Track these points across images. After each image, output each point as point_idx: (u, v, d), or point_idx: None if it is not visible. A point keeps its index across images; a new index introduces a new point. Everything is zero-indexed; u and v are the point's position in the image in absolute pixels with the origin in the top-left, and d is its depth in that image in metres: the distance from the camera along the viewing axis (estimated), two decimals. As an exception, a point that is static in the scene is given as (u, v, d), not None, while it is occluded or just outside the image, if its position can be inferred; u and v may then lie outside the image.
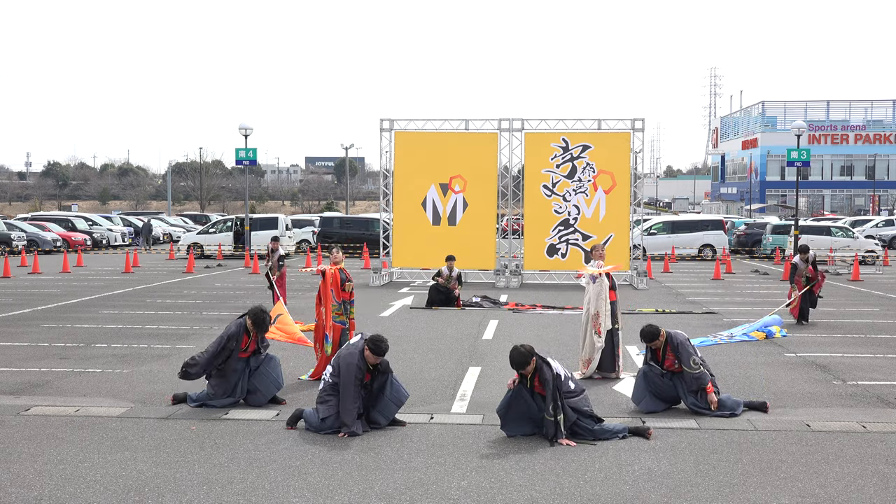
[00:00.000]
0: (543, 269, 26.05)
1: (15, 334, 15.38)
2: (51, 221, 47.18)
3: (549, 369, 8.68)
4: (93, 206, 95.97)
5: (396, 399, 9.05)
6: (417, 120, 26.48)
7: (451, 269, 20.19)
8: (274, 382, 10.04)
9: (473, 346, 14.29)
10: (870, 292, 23.73)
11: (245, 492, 7.04)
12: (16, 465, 7.71)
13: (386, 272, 26.40)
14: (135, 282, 26.34)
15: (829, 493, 7.07)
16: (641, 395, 9.82)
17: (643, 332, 9.84)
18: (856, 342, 14.93)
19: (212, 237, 39.86)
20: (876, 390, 10.99)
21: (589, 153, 25.35)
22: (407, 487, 7.17)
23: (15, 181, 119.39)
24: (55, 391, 10.77)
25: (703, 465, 7.78)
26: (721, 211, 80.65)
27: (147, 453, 8.06)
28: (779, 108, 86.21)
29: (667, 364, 9.76)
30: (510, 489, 7.14)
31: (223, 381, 9.85)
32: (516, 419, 8.73)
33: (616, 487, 7.19)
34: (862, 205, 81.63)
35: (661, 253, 37.03)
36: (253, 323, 9.85)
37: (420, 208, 25.92)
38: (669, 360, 9.74)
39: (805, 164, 36.95)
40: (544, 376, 8.63)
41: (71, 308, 19.57)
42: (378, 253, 28.27)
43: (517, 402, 8.73)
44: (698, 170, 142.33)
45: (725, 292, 23.70)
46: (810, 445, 8.45)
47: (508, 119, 26.14)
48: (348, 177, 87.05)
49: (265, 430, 8.94)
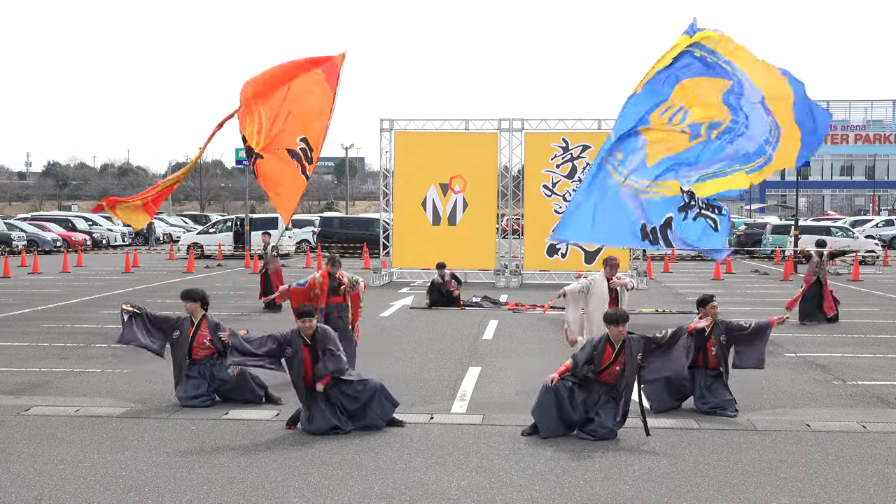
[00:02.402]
0: (543, 269, 26.05)
1: (15, 334, 15.38)
2: (51, 221, 47.19)
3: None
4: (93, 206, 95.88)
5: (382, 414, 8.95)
6: (417, 120, 26.50)
7: (444, 276, 20.14)
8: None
9: (473, 346, 14.29)
10: (870, 292, 23.73)
11: (245, 492, 7.04)
12: (16, 465, 7.71)
13: (386, 272, 26.40)
14: (135, 282, 26.34)
15: (829, 493, 7.07)
16: (657, 392, 9.72)
17: (701, 298, 9.82)
18: (856, 342, 14.93)
19: (212, 237, 39.87)
20: (876, 390, 10.99)
21: (589, 153, 25.32)
22: (407, 487, 7.17)
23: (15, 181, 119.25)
24: (55, 391, 10.77)
25: (703, 465, 7.78)
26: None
27: (147, 453, 8.06)
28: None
29: (709, 344, 9.65)
30: (510, 489, 7.14)
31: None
32: (551, 420, 8.63)
33: (616, 487, 7.19)
34: (862, 205, 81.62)
35: (661, 253, 37.03)
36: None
37: (420, 208, 25.92)
38: (711, 342, 9.66)
39: (805, 164, 36.91)
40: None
41: (71, 308, 19.57)
42: (378, 253, 28.27)
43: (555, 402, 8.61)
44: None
45: (725, 292, 23.69)
46: (810, 445, 8.45)
47: (508, 119, 26.17)
48: (348, 177, 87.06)
49: (265, 430, 8.94)
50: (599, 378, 8.73)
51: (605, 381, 8.75)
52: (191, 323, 10.14)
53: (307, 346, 8.92)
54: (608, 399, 8.71)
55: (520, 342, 14.85)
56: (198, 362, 10.02)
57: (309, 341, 8.93)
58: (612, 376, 8.74)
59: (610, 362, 8.71)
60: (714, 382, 9.65)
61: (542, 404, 8.67)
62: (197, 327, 10.11)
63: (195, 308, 10.15)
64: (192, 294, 10.27)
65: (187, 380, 9.97)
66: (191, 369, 10.00)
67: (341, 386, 8.89)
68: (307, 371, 8.89)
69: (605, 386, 8.75)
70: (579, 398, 8.66)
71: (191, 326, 10.12)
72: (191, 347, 10.03)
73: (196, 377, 9.96)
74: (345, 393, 8.89)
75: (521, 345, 14.59)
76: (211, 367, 10.00)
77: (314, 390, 8.81)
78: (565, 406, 8.61)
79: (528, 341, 14.99)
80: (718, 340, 9.67)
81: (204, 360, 10.03)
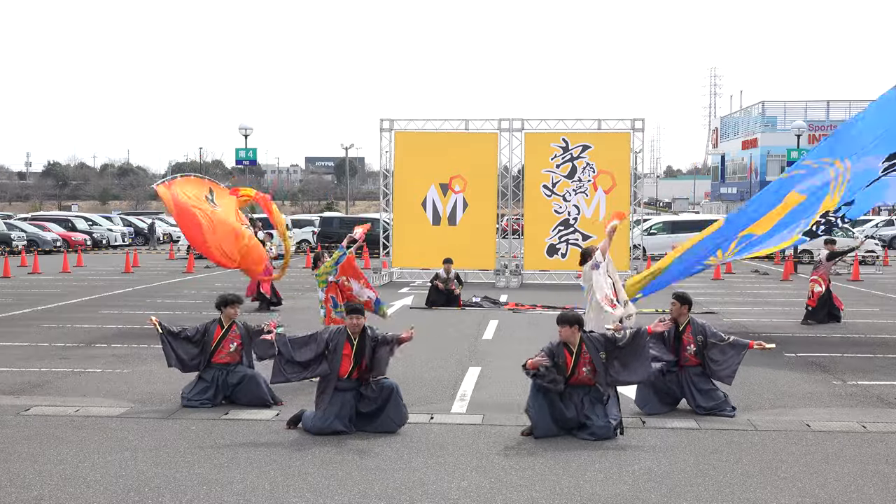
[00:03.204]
0: (543, 269, 26.04)
1: (15, 334, 15.38)
2: (51, 221, 47.18)
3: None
4: (93, 206, 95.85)
5: (398, 417, 8.91)
6: (417, 120, 26.49)
7: (449, 272, 20.19)
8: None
9: (473, 346, 14.29)
10: (870, 292, 23.73)
11: (245, 492, 7.04)
12: (16, 465, 7.71)
13: (386, 272, 26.40)
14: (135, 282, 26.34)
15: (829, 493, 7.07)
16: (647, 398, 9.73)
17: (680, 295, 9.78)
18: (856, 342, 14.92)
19: (212, 237, 39.76)
20: (876, 390, 10.99)
21: (589, 153, 25.35)
22: (407, 487, 7.17)
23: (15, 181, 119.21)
24: (55, 391, 10.77)
25: (703, 465, 7.78)
26: (721, 211, 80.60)
27: (147, 453, 8.06)
28: (779, 108, 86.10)
29: (683, 343, 9.65)
30: (510, 489, 7.14)
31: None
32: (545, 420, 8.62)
33: (616, 487, 7.19)
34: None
35: (661, 253, 36.94)
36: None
37: (420, 208, 25.92)
38: (686, 340, 9.64)
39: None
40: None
41: (71, 308, 19.57)
42: (378, 253, 28.27)
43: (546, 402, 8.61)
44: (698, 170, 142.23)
45: (725, 292, 23.70)
46: (810, 445, 8.45)
47: (508, 119, 26.15)
48: (348, 177, 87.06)
49: (265, 430, 8.94)
50: (571, 382, 8.73)
51: (583, 383, 8.75)
52: (220, 325, 10.05)
53: (350, 342, 8.87)
54: (593, 400, 8.72)
55: (520, 342, 14.84)
56: (214, 366, 9.95)
57: (355, 338, 8.90)
58: (585, 378, 8.74)
59: (573, 366, 8.70)
60: (701, 382, 9.63)
61: (535, 404, 8.66)
62: (226, 331, 10.04)
63: (235, 313, 10.07)
64: (229, 300, 10.12)
65: (198, 380, 9.95)
66: (206, 372, 9.95)
67: (361, 387, 8.90)
68: (343, 365, 8.83)
69: (585, 387, 8.76)
70: (569, 399, 8.67)
71: (219, 328, 10.03)
72: (214, 350, 9.97)
73: (208, 381, 9.91)
74: (363, 395, 8.89)
75: (520, 345, 14.57)
76: (226, 374, 9.92)
77: (337, 389, 8.78)
78: (557, 405, 8.62)
79: (528, 342, 14.96)
80: (696, 339, 9.67)
81: (221, 366, 9.95)
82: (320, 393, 8.87)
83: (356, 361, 8.85)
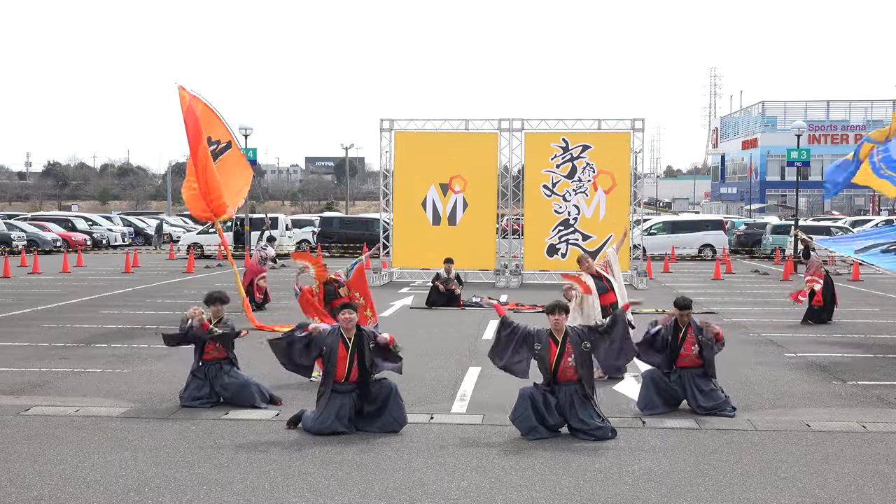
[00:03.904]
0: (543, 269, 26.03)
1: (15, 334, 15.38)
2: (51, 221, 47.17)
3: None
4: (93, 206, 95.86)
5: (399, 416, 8.92)
6: (417, 120, 26.49)
7: (450, 272, 20.20)
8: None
9: (473, 346, 14.29)
10: (870, 292, 23.73)
11: (245, 492, 7.04)
12: (16, 465, 7.71)
13: (386, 272, 26.40)
14: (135, 282, 26.34)
15: (829, 493, 7.07)
16: (650, 399, 9.70)
17: (679, 300, 9.81)
18: (856, 342, 14.92)
19: (212, 237, 39.76)
20: (876, 390, 10.99)
21: (589, 153, 25.34)
22: (407, 487, 7.17)
23: (15, 181, 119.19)
24: (55, 391, 10.77)
25: (703, 465, 7.78)
26: (721, 211, 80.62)
27: (147, 453, 8.06)
28: (779, 108, 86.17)
29: (685, 345, 9.67)
30: (510, 489, 7.14)
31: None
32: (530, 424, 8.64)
33: (615, 487, 7.19)
34: (862, 205, 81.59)
35: (661, 253, 37.02)
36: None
37: (420, 208, 25.92)
38: (690, 341, 9.67)
39: (805, 164, 36.93)
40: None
41: (71, 308, 19.57)
42: (378, 253, 28.27)
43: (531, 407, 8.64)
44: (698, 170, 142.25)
45: (725, 292, 23.70)
46: (810, 445, 8.45)
47: (508, 119, 26.15)
48: (348, 177, 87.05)
49: (265, 430, 8.94)
50: (558, 378, 8.75)
51: (568, 379, 8.75)
52: (209, 321, 10.03)
53: (345, 343, 8.87)
54: (582, 399, 8.72)
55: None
56: (207, 363, 9.98)
57: (349, 338, 8.89)
58: (570, 371, 8.76)
59: (558, 356, 8.74)
60: (702, 382, 9.64)
61: (518, 414, 8.70)
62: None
63: (220, 311, 10.09)
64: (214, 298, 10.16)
65: (193, 379, 9.96)
66: (198, 370, 9.97)
67: (362, 387, 8.88)
68: (339, 368, 8.84)
69: (570, 385, 8.75)
70: (552, 402, 8.69)
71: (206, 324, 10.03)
72: (204, 346, 10.00)
73: (201, 378, 9.93)
74: (364, 395, 8.88)
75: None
76: (216, 372, 9.95)
77: (335, 391, 8.79)
78: (540, 409, 8.65)
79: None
80: (697, 339, 9.68)
81: (212, 363, 9.98)
82: (320, 396, 8.90)
83: (352, 364, 8.86)
